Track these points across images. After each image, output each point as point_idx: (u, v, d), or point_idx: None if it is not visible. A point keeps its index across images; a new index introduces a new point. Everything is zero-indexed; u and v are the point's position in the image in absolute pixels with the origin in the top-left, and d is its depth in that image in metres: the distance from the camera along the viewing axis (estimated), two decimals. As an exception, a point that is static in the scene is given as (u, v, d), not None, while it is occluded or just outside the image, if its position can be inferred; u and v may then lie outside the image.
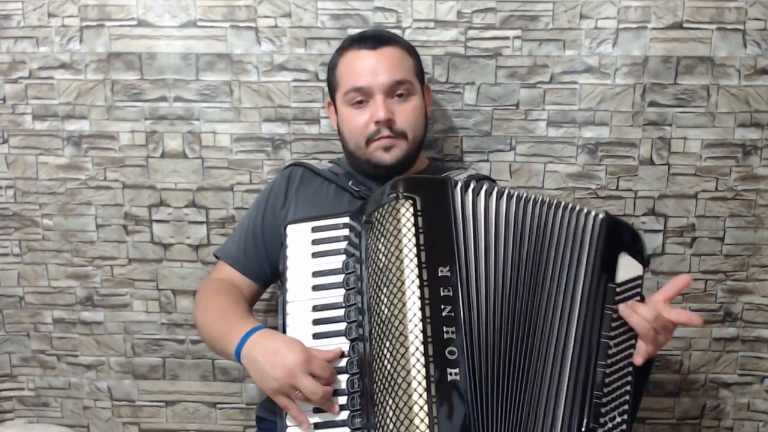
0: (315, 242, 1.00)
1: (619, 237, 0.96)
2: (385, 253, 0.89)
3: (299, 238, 1.01)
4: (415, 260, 0.87)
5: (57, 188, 1.43)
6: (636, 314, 0.90)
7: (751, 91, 1.34)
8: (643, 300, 0.95)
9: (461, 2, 1.32)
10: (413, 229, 0.88)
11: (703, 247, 1.40)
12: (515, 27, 1.33)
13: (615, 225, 0.96)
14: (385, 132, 1.09)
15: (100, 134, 1.40)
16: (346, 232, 0.99)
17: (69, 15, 1.36)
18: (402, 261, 0.87)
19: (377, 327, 0.87)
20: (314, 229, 1.01)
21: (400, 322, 0.84)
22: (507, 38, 1.33)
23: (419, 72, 1.17)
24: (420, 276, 0.86)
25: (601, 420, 0.87)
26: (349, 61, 1.13)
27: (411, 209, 0.90)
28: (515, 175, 1.39)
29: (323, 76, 1.35)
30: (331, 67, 1.17)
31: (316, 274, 0.98)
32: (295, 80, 1.36)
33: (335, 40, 1.34)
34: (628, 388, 0.90)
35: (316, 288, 0.97)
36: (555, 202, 0.96)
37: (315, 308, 0.96)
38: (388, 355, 0.84)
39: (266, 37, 1.35)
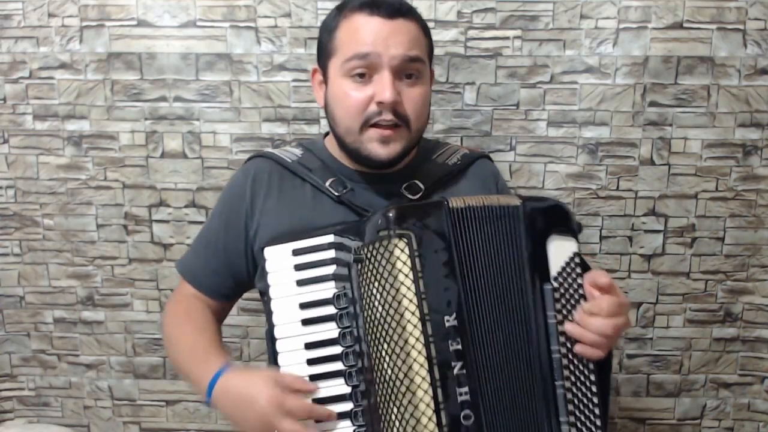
0: (298, 267, 0.90)
1: (541, 224, 0.85)
2: (382, 302, 0.80)
3: (280, 262, 0.91)
4: (417, 313, 0.78)
5: (57, 188, 1.43)
6: (588, 334, 0.82)
7: (752, 91, 1.34)
8: (587, 268, 0.87)
9: (461, 2, 1.32)
10: (411, 275, 0.79)
11: (703, 248, 1.40)
12: (515, 27, 1.33)
13: (532, 212, 0.86)
14: (388, 116, 0.92)
15: (100, 134, 1.40)
16: (331, 253, 0.89)
17: (69, 15, 1.36)
18: (402, 315, 0.78)
19: (382, 386, 0.80)
20: (296, 252, 0.90)
21: (407, 389, 0.77)
22: (507, 38, 1.33)
23: (431, 54, 1.01)
24: (424, 331, 0.77)
25: None
26: (356, 24, 0.93)
27: (406, 249, 0.79)
28: (515, 176, 1.39)
29: (323, 76, 1.35)
30: (329, 28, 0.97)
31: (304, 306, 0.88)
32: (294, 80, 1.36)
33: (335, 40, 1.34)
34: (594, 389, 0.83)
35: (306, 322, 0.88)
36: (495, 205, 0.86)
37: (308, 346, 0.87)
38: (397, 424, 0.78)
39: (266, 37, 1.35)
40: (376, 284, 0.80)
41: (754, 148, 1.36)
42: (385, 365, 0.79)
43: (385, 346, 0.79)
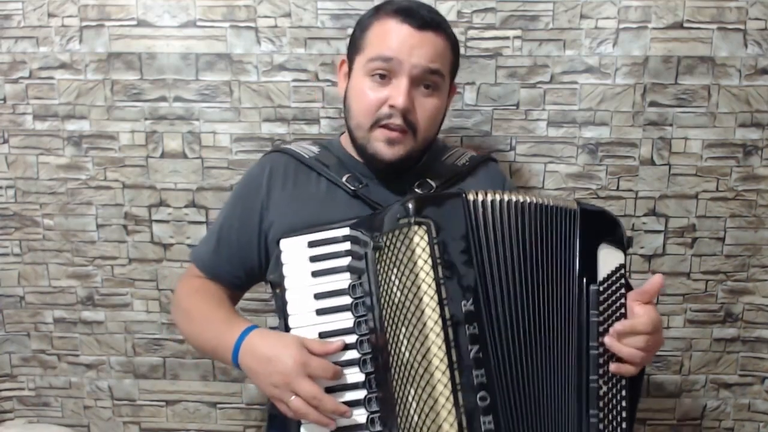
0: (313, 259, 0.92)
1: (595, 229, 0.89)
2: (401, 287, 0.81)
3: (295, 254, 0.93)
4: (435, 298, 0.79)
5: (57, 188, 1.43)
6: (626, 348, 0.85)
7: (752, 91, 1.34)
8: (629, 287, 0.91)
9: (461, 2, 1.32)
10: (430, 261, 0.80)
11: (703, 248, 1.40)
12: (515, 27, 1.33)
13: (589, 217, 0.90)
14: (397, 120, 0.96)
15: (100, 134, 1.40)
16: (347, 245, 0.91)
17: (69, 15, 1.36)
18: (421, 299, 0.79)
19: (399, 369, 0.81)
20: (311, 244, 0.93)
21: (425, 370, 0.78)
22: (507, 38, 1.33)
23: (454, 70, 1.06)
24: (442, 315, 0.79)
25: None
26: (387, 28, 0.98)
27: (425, 237, 0.81)
28: (515, 176, 1.39)
29: (323, 75, 1.35)
30: (363, 26, 1.02)
31: (318, 296, 0.90)
32: (295, 80, 1.36)
33: (335, 40, 1.34)
34: (624, 393, 0.86)
35: (320, 312, 0.90)
36: (549, 203, 0.89)
37: (321, 335, 0.89)
38: (414, 405, 0.79)
39: (266, 37, 1.35)
40: (395, 270, 0.82)
41: (755, 148, 1.36)
42: (403, 348, 0.81)
43: (404, 330, 0.81)
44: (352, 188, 1.01)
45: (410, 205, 0.83)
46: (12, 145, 1.42)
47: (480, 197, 0.86)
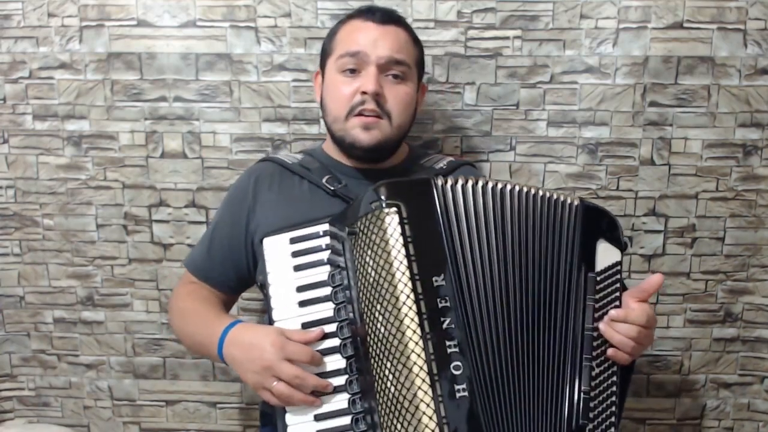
0: (295, 254, 0.96)
1: (595, 224, 0.94)
2: (374, 267, 0.84)
3: (278, 251, 0.97)
4: (407, 273, 0.83)
5: (57, 188, 1.43)
6: (618, 334, 0.89)
7: (752, 91, 1.34)
8: (623, 287, 0.94)
9: (461, 2, 1.32)
10: (401, 239, 0.84)
11: (703, 248, 1.40)
12: (515, 27, 1.33)
13: (591, 212, 0.95)
14: (371, 105, 1.02)
15: (100, 134, 1.40)
16: (327, 240, 0.95)
17: (69, 15, 1.36)
18: (393, 275, 0.83)
19: (376, 346, 0.84)
20: (293, 241, 0.97)
21: (399, 342, 0.81)
22: (507, 38, 1.33)
23: (420, 64, 1.12)
24: (414, 289, 0.82)
25: (591, 415, 0.86)
26: (351, 28, 1.08)
27: (396, 217, 0.85)
28: (515, 175, 1.39)
29: (323, 76, 1.35)
30: (331, 33, 1.12)
31: (300, 289, 0.94)
32: (294, 80, 1.36)
33: (335, 40, 1.34)
34: (615, 379, 0.89)
35: (302, 304, 0.93)
36: (533, 191, 0.93)
37: (304, 326, 0.92)
38: (390, 377, 0.81)
39: (266, 37, 1.35)
40: (369, 252, 0.85)
41: (755, 148, 1.36)
42: (379, 325, 0.83)
43: (379, 307, 0.83)
44: (332, 188, 1.07)
45: (381, 189, 0.88)
46: (12, 145, 1.42)
47: (449, 182, 0.90)
